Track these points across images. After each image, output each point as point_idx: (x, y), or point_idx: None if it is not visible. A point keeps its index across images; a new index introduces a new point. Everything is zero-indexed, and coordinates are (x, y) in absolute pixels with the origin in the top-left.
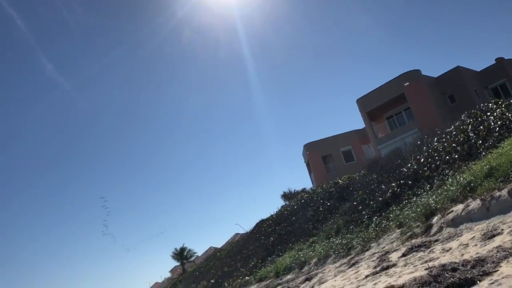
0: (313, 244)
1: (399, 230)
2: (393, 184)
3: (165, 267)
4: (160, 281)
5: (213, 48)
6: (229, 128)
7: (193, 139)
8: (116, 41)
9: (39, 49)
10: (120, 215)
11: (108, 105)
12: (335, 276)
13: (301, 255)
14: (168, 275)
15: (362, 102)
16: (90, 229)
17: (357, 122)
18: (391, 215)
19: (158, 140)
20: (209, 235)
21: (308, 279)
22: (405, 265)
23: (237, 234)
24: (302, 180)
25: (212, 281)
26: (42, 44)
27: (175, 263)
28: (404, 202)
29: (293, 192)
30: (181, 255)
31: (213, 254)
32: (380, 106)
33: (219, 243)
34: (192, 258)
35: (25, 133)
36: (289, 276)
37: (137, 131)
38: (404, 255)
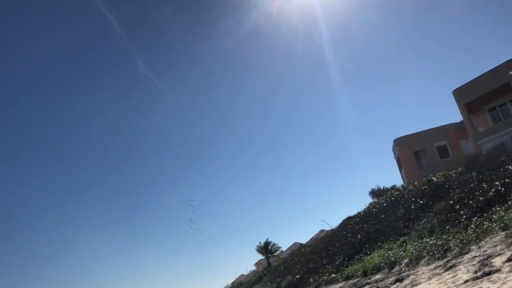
0: (404, 244)
1: (503, 233)
2: (496, 183)
3: (250, 260)
4: (245, 273)
5: (292, 40)
6: (312, 123)
7: (279, 135)
8: (201, 37)
9: (132, 48)
10: (206, 211)
11: (192, 103)
12: (430, 279)
13: (391, 254)
14: (253, 268)
15: (460, 93)
16: (179, 226)
17: (452, 114)
18: (494, 216)
19: (242, 138)
20: (294, 231)
21: (399, 280)
22: (510, 271)
23: (322, 231)
24: (391, 177)
25: (297, 276)
26: (135, 43)
27: (260, 257)
28: (509, 202)
29: (382, 189)
30: (266, 249)
31: (298, 250)
32: (481, 97)
33: (304, 239)
34: (277, 253)
35: (123, 131)
36: (378, 276)
37: (218, 129)
38: (509, 260)
